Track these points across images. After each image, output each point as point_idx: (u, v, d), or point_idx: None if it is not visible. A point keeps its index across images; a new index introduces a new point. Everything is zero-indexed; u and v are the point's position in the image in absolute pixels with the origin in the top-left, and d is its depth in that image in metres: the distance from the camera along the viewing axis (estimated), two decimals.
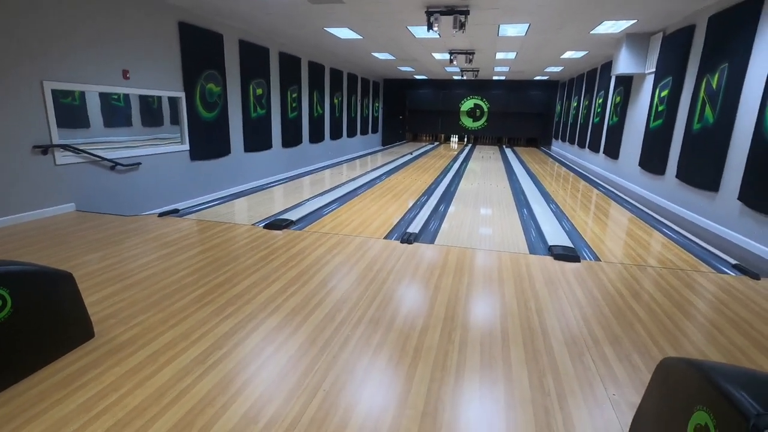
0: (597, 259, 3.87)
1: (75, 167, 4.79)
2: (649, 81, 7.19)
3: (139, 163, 5.62)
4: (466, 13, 5.59)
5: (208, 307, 2.61)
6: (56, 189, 4.63)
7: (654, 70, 6.93)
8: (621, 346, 2.35)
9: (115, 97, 5.36)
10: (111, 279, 2.99)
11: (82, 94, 4.93)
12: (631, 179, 7.84)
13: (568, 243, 4.24)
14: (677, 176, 5.86)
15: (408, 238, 4.11)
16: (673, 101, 6.12)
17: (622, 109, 8.47)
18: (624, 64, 7.43)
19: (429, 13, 5.62)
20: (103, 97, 5.20)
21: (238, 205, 5.93)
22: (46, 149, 4.46)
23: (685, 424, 1.20)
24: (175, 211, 5.15)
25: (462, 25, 5.65)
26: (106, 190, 5.19)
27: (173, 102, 6.18)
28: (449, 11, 5.58)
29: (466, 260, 3.62)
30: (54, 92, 4.51)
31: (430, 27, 5.74)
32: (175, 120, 6.32)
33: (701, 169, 5.20)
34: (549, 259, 3.75)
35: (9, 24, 4.06)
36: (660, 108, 6.54)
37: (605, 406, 1.85)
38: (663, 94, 6.47)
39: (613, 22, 6.49)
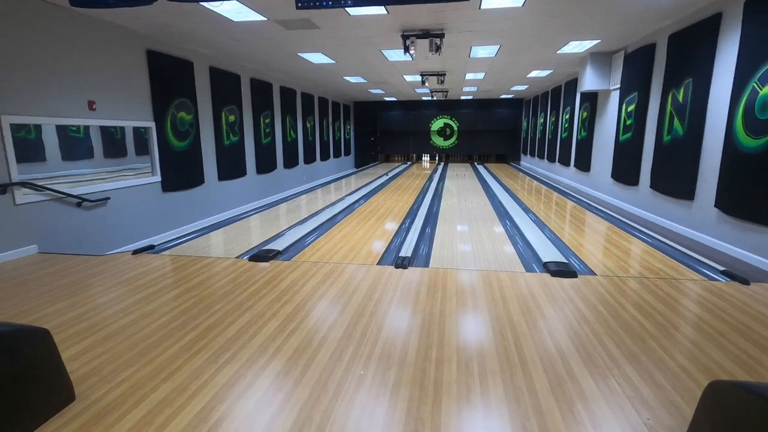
0: (591, 272, 3.88)
1: (37, 206, 4.43)
2: (615, 96, 7.52)
3: (108, 198, 5.29)
4: (441, 36, 5.69)
5: (202, 355, 2.38)
6: (16, 231, 4.25)
7: (618, 86, 7.26)
8: (640, 363, 2.30)
9: (74, 128, 5.03)
10: (87, 330, 2.71)
11: (38, 126, 4.58)
12: (604, 191, 8.09)
13: (559, 257, 4.25)
14: (651, 186, 6.07)
15: (402, 263, 3.99)
16: (640, 115, 6.40)
17: (589, 124, 8.80)
18: (589, 81, 7.76)
19: (405, 37, 5.68)
20: (61, 129, 4.85)
21: (215, 238, 5.65)
22: (4, 188, 4.11)
23: None
24: (150, 248, 4.84)
25: (438, 48, 5.74)
26: (72, 228, 4.82)
27: (137, 132, 5.88)
28: (425, 35, 5.66)
29: (465, 282, 3.54)
30: (12, 126, 4.18)
31: (406, 50, 5.79)
32: (141, 150, 6.01)
33: (675, 178, 5.40)
34: (546, 276, 3.72)
35: None
36: (628, 122, 6.83)
37: None
38: (630, 108, 6.76)
39: (579, 42, 6.78)
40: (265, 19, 5.20)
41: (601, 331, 2.68)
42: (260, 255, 4.33)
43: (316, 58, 7.82)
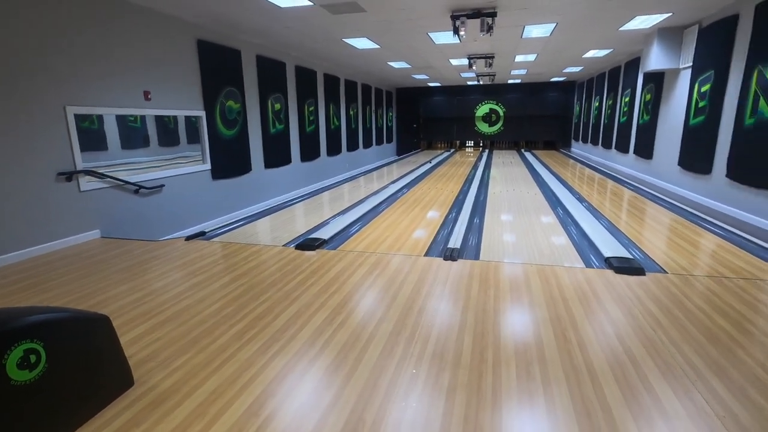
0: (661, 269, 3.54)
1: (99, 192, 4.65)
2: (685, 76, 6.85)
3: (163, 185, 5.48)
4: (493, 15, 5.36)
5: (252, 345, 2.37)
6: (81, 216, 4.48)
7: (690, 64, 6.59)
8: (730, 378, 2.03)
9: (132, 118, 5.24)
10: (144, 314, 2.78)
11: (100, 117, 4.80)
12: (669, 180, 7.46)
13: (620, 251, 3.92)
14: (728, 175, 5.48)
15: (451, 255, 3.83)
16: (716, 96, 5.77)
17: (653, 107, 8.11)
18: (656, 60, 7.10)
19: (454, 17, 5.41)
20: (120, 119, 5.07)
21: (263, 225, 5.73)
22: (70, 176, 4.33)
23: None
24: (201, 234, 4.97)
25: (489, 28, 5.43)
26: (130, 214, 5.04)
27: (189, 121, 6.05)
28: (476, 14, 5.36)
29: (519, 277, 3.34)
30: (76, 116, 4.39)
31: (455, 32, 5.52)
32: (192, 139, 6.18)
33: (760, 166, 4.83)
34: (609, 272, 3.43)
35: (34, 51, 3.95)
36: (701, 104, 6.19)
37: None
38: (704, 89, 6.12)
39: (645, 16, 6.19)
40: (312, 4, 5.11)
41: (677, 337, 2.41)
42: (307, 243, 4.32)
43: (361, 43, 7.67)
